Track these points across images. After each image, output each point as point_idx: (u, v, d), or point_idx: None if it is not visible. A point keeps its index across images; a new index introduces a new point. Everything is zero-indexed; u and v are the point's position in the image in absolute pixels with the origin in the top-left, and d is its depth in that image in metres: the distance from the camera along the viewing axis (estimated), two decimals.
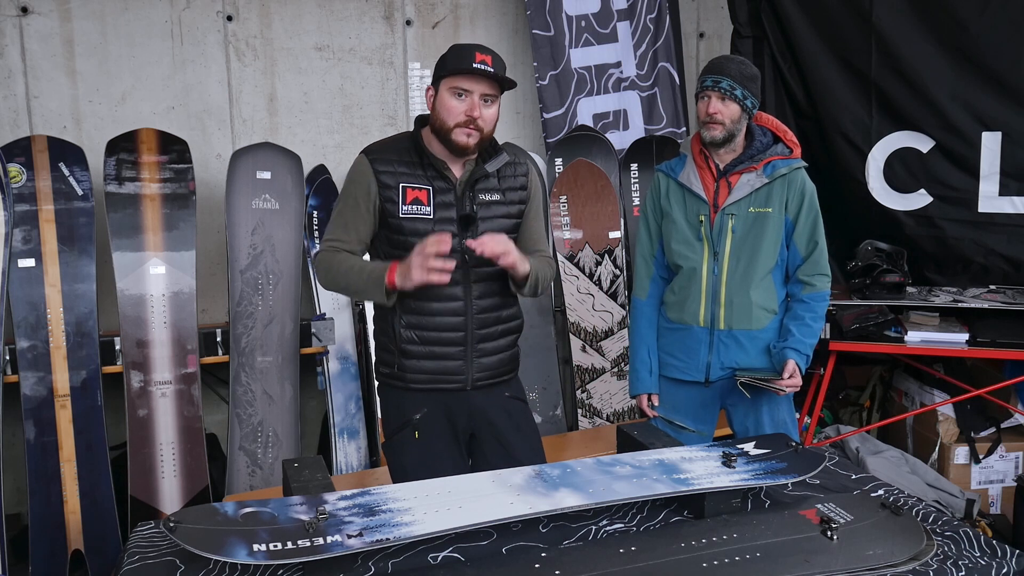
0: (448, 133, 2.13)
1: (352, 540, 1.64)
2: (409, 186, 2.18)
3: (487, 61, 2.10)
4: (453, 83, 2.12)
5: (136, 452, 3.25)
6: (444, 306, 2.21)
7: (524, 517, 1.78)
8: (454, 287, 2.19)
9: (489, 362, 2.28)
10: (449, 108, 2.12)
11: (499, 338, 2.29)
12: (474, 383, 2.26)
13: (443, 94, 2.14)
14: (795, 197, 2.56)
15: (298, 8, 3.77)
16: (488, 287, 2.24)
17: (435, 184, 2.18)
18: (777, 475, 1.98)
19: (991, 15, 3.43)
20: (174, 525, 1.64)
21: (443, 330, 2.22)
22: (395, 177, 2.18)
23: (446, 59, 2.15)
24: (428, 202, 2.18)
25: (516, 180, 2.28)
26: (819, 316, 2.60)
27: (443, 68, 2.14)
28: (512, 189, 2.27)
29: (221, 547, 1.61)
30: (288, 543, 1.63)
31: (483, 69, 2.09)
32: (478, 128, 2.13)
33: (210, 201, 3.64)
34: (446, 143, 2.15)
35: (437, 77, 2.16)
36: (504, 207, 2.25)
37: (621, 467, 2.00)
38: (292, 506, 1.76)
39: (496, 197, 2.24)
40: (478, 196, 2.21)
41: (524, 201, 2.29)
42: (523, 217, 2.31)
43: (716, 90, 2.49)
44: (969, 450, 3.67)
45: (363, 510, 1.76)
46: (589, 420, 3.91)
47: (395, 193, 2.17)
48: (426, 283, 2.05)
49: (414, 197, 2.18)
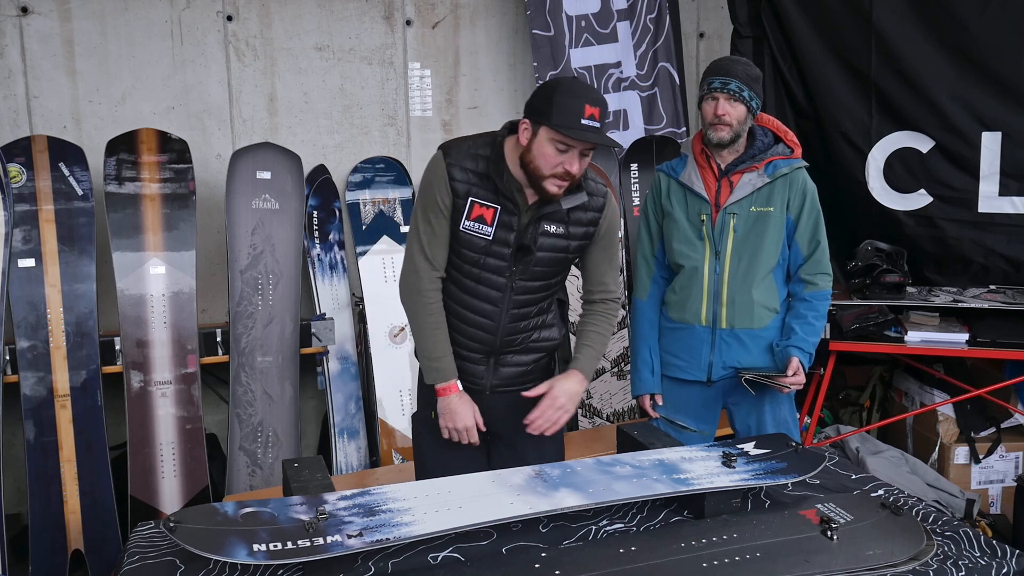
0: (540, 180, 2.05)
1: (352, 540, 1.64)
2: (478, 201, 2.11)
3: (595, 116, 1.99)
4: (557, 136, 2.00)
5: (136, 452, 3.25)
6: (477, 319, 2.21)
7: (524, 517, 1.78)
8: (491, 304, 2.19)
9: (510, 373, 2.28)
10: (547, 157, 2.03)
11: (523, 354, 2.28)
12: (493, 388, 2.28)
13: (542, 141, 2.02)
14: (797, 197, 2.58)
15: (298, 8, 3.77)
16: (524, 311, 2.23)
17: (503, 204, 2.11)
18: (777, 475, 1.98)
19: (991, 15, 3.42)
20: (174, 525, 1.64)
21: (471, 338, 2.23)
22: (466, 187, 2.11)
23: (554, 103, 1.99)
24: (491, 222, 2.11)
25: (586, 215, 2.19)
26: (821, 315, 2.62)
27: (548, 113, 2.00)
28: (579, 224, 2.19)
29: (221, 547, 1.61)
30: (288, 543, 1.63)
31: (591, 136, 1.98)
32: (572, 180, 2.07)
33: (210, 201, 3.64)
34: (535, 186, 2.08)
35: (539, 116, 2.02)
36: (564, 241, 2.18)
37: (621, 467, 2.00)
38: (292, 506, 1.77)
39: (560, 230, 2.16)
40: (542, 226, 2.14)
41: (588, 237, 2.22)
42: (587, 250, 2.26)
43: (724, 92, 2.49)
44: (969, 450, 3.67)
45: (363, 510, 1.76)
46: (589, 420, 3.91)
47: (462, 203, 2.11)
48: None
49: (479, 214, 2.11)
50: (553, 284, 2.26)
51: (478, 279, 2.18)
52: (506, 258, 2.14)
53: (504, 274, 2.16)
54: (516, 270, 2.16)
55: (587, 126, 1.98)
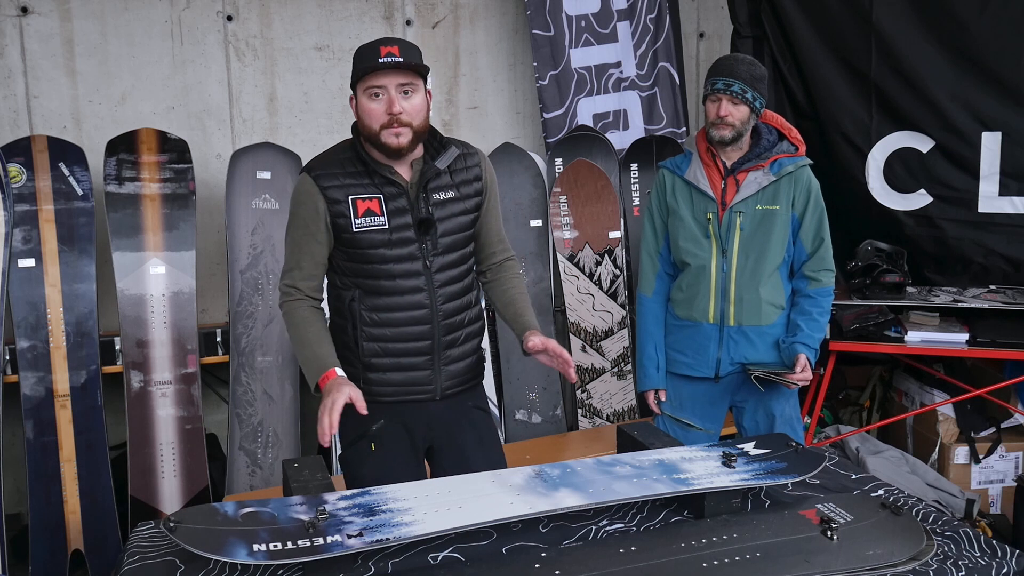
0: (377, 137, 2.02)
1: (352, 540, 1.64)
2: (359, 197, 2.06)
3: (394, 52, 1.97)
4: (366, 84, 2.01)
5: (136, 452, 3.25)
6: (409, 315, 2.12)
7: (524, 517, 1.77)
8: (417, 294, 2.11)
9: (457, 369, 2.20)
10: (369, 111, 2.02)
11: (465, 343, 2.21)
12: (443, 392, 2.20)
13: (360, 99, 2.04)
14: (801, 194, 2.60)
15: (298, 8, 3.77)
16: (452, 290, 2.16)
17: (385, 191, 2.07)
18: (777, 475, 1.98)
19: (991, 15, 3.42)
20: (174, 525, 1.64)
21: (409, 340, 2.13)
22: (343, 190, 2.06)
23: (354, 63, 2.03)
24: (381, 211, 2.06)
25: (470, 172, 2.16)
26: (825, 311, 2.65)
27: (354, 72, 2.04)
28: (467, 182, 2.15)
29: (221, 547, 1.61)
30: (288, 543, 1.63)
31: (390, 62, 1.97)
32: (405, 123, 2.01)
33: (210, 201, 3.64)
34: (379, 148, 2.05)
35: (353, 83, 2.06)
36: (461, 203, 2.14)
37: (621, 467, 2.00)
38: (292, 506, 1.77)
39: (451, 194, 2.12)
40: (432, 196, 2.09)
41: (480, 193, 2.18)
42: (482, 212, 2.20)
43: (727, 93, 2.50)
44: (969, 450, 3.67)
45: (363, 510, 1.76)
46: (589, 420, 3.91)
47: (346, 207, 2.06)
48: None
49: (366, 208, 2.06)
50: (469, 255, 2.21)
51: (394, 275, 2.10)
52: (412, 240, 2.08)
53: (417, 258, 2.09)
54: (427, 247, 2.09)
55: (386, 62, 1.97)
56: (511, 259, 2.31)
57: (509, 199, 3.86)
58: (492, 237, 2.26)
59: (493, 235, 2.26)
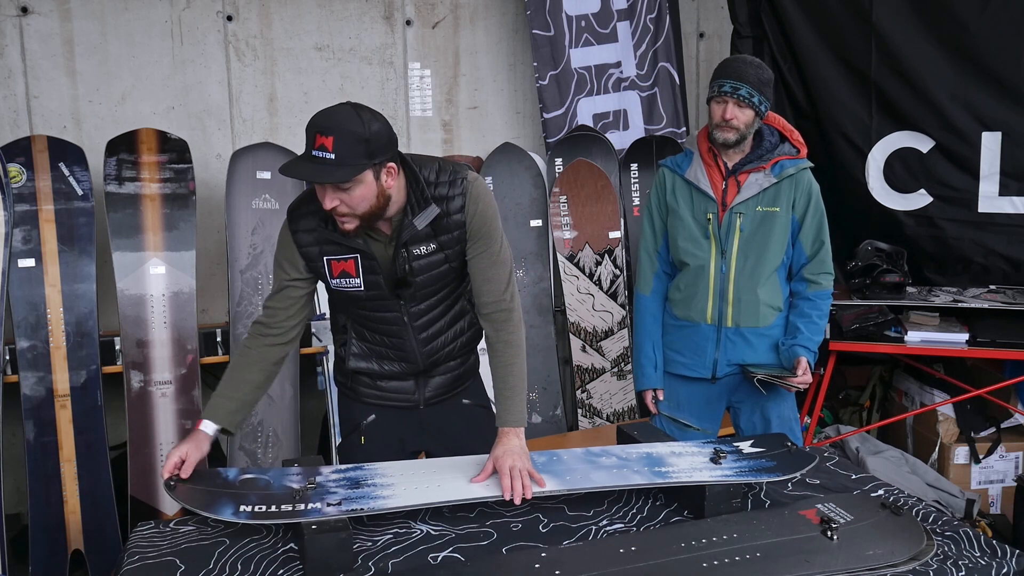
0: (332, 221, 1.90)
1: (330, 508, 1.75)
2: (334, 259, 1.96)
3: (327, 145, 1.73)
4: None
5: (136, 452, 3.25)
6: (390, 349, 2.12)
7: (493, 499, 1.86)
8: (397, 336, 2.09)
9: (441, 381, 2.21)
10: (320, 197, 1.85)
11: (451, 360, 2.20)
12: (427, 401, 2.21)
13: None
14: (802, 197, 2.59)
15: (298, 8, 3.77)
16: (433, 330, 2.11)
17: (360, 251, 1.95)
18: (761, 473, 1.99)
19: (991, 15, 3.42)
20: (174, 484, 1.77)
21: (393, 361, 2.14)
22: (316, 248, 1.96)
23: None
24: (356, 272, 1.96)
25: (451, 220, 1.96)
26: (824, 314, 2.65)
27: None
28: (446, 231, 1.97)
29: (210, 505, 1.75)
30: (272, 507, 1.75)
31: (310, 169, 1.77)
32: (345, 215, 1.84)
33: (210, 201, 3.64)
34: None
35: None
36: (440, 254, 1.99)
37: (607, 458, 2.03)
38: (288, 475, 1.90)
39: (432, 247, 1.97)
40: (411, 251, 1.96)
41: (461, 241, 1.99)
42: (472, 255, 2.02)
43: (735, 97, 2.48)
44: (969, 450, 3.67)
45: (350, 482, 1.88)
46: (589, 420, 3.91)
47: (321, 266, 1.98)
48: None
49: (341, 270, 1.97)
50: (454, 292, 2.13)
51: (373, 316, 2.09)
52: (387, 298, 2.02)
53: (394, 309, 2.05)
54: (404, 303, 2.04)
55: (311, 156, 1.76)
56: (506, 319, 2.05)
57: (509, 199, 3.86)
58: (481, 287, 2.04)
59: (481, 285, 2.04)
